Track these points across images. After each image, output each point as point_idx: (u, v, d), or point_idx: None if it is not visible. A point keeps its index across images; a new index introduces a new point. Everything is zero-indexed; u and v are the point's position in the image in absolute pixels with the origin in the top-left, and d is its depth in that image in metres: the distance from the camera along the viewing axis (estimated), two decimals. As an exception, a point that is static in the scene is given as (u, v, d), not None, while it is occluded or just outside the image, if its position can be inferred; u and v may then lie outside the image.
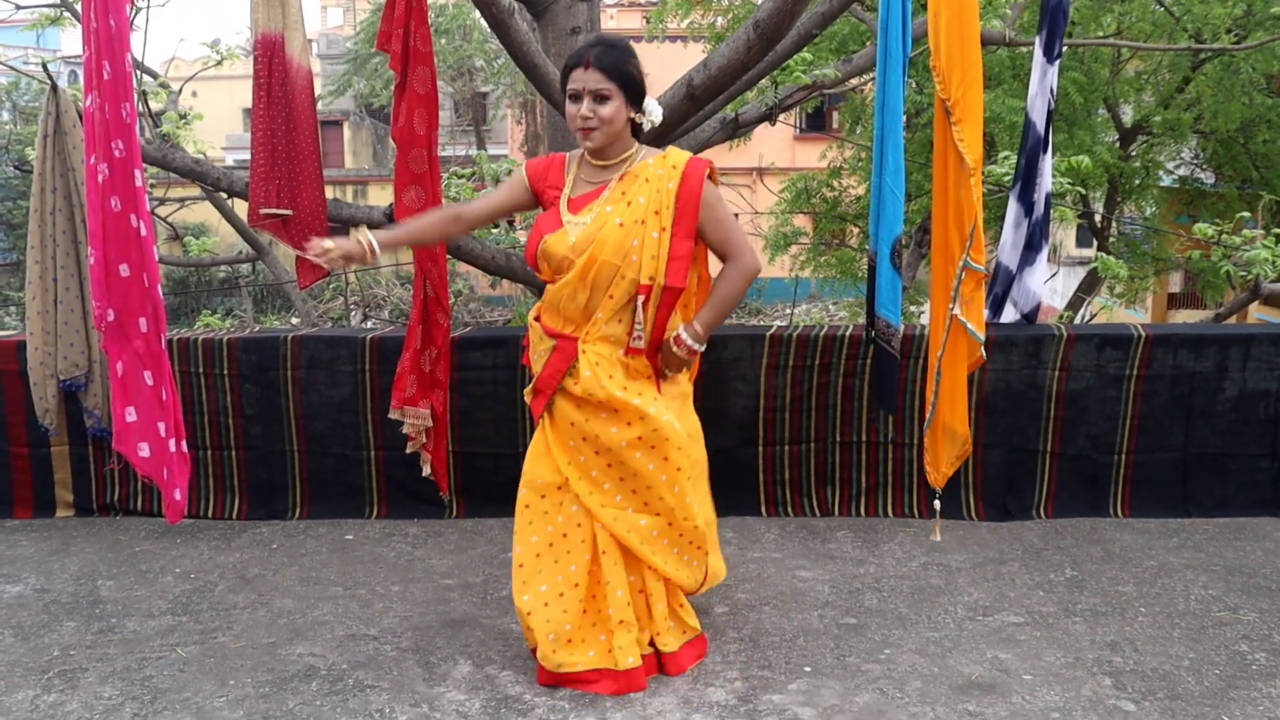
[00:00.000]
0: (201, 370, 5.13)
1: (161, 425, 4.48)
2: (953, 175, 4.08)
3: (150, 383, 4.45)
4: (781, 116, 6.63)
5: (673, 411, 3.48)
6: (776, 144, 27.45)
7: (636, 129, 3.49)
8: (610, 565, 3.45)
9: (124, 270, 4.36)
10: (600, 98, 3.34)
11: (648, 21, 14.65)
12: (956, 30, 4.04)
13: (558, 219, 3.45)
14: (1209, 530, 4.84)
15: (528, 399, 3.57)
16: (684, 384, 3.65)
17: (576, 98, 3.37)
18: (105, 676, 3.61)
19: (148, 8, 7.95)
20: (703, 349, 3.51)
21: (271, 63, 4.54)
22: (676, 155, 3.46)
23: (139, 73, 8.05)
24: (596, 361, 3.41)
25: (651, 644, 3.54)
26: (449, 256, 5.26)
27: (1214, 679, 3.49)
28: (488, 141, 32.58)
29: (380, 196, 30.84)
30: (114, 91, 4.23)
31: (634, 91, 3.39)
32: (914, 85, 12.03)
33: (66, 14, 8.20)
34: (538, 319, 3.56)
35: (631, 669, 3.43)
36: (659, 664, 3.54)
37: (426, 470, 4.74)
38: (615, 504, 3.46)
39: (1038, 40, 4.95)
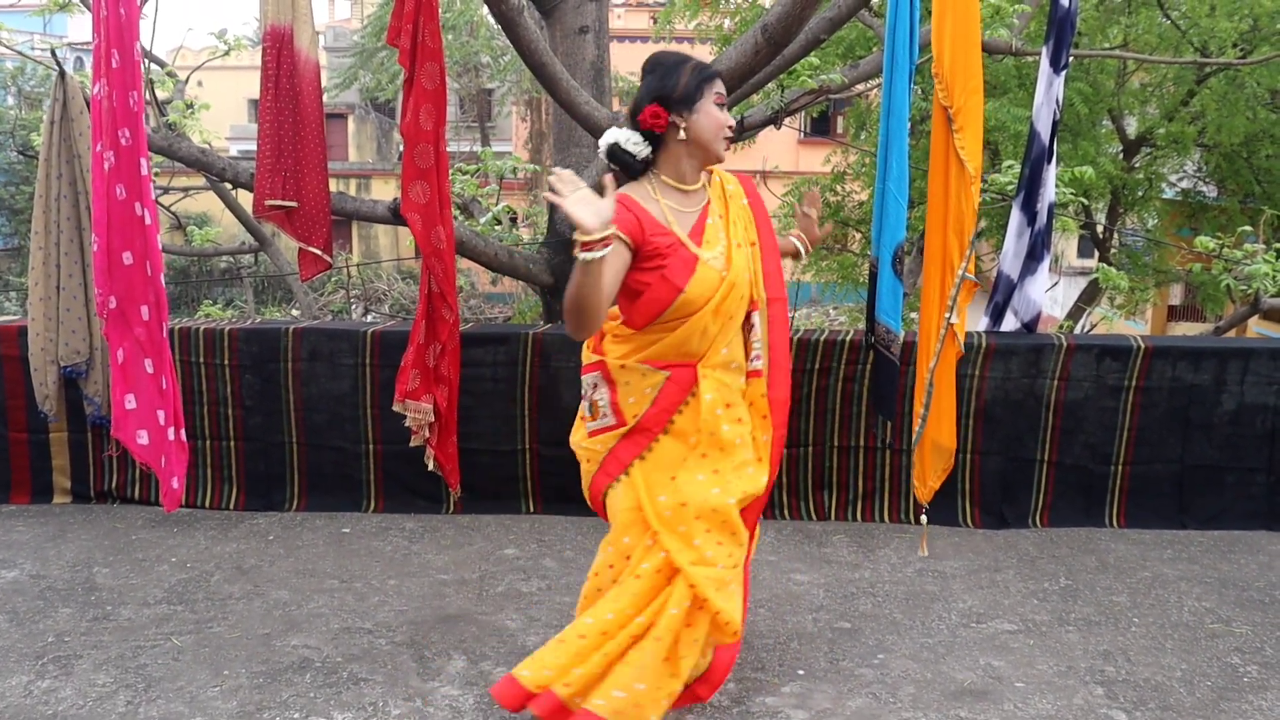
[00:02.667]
0: (202, 360, 5.14)
1: (161, 413, 4.50)
2: (953, 183, 4.09)
3: (151, 370, 4.46)
4: (787, 120, 6.64)
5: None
6: (781, 147, 27.49)
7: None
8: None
9: (127, 258, 4.38)
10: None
11: (655, 22, 14.64)
12: (961, 37, 4.06)
13: (690, 260, 3.05)
14: (1204, 542, 4.85)
15: (607, 443, 3.21)
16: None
17: (724, 107, 3.14)
18: (99, 664, 3.61)
19: (156, -4, 7.95)
20: None
21: (280, 55, 4.54)
22: (724, 174, 3.32)
23: (146, 62, 8.05)
24: (717, 387, 3.12)
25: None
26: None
27: (1206, 690, 3.50)
28: (492, 138, 32.57)
29: (383, 190, 30.86)
30: (122, 80, 4.25)
31: None
32: (919, 92, 12.03)
33: (75, 0, 8.20)
34: (625, 364, 3.17)
35: None
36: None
37: (431, 465, 4.74)
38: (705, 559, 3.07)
39: (1044, 50, 4.96)
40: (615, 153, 3.12)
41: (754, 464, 3.18)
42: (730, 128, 3.12)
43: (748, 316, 3.21)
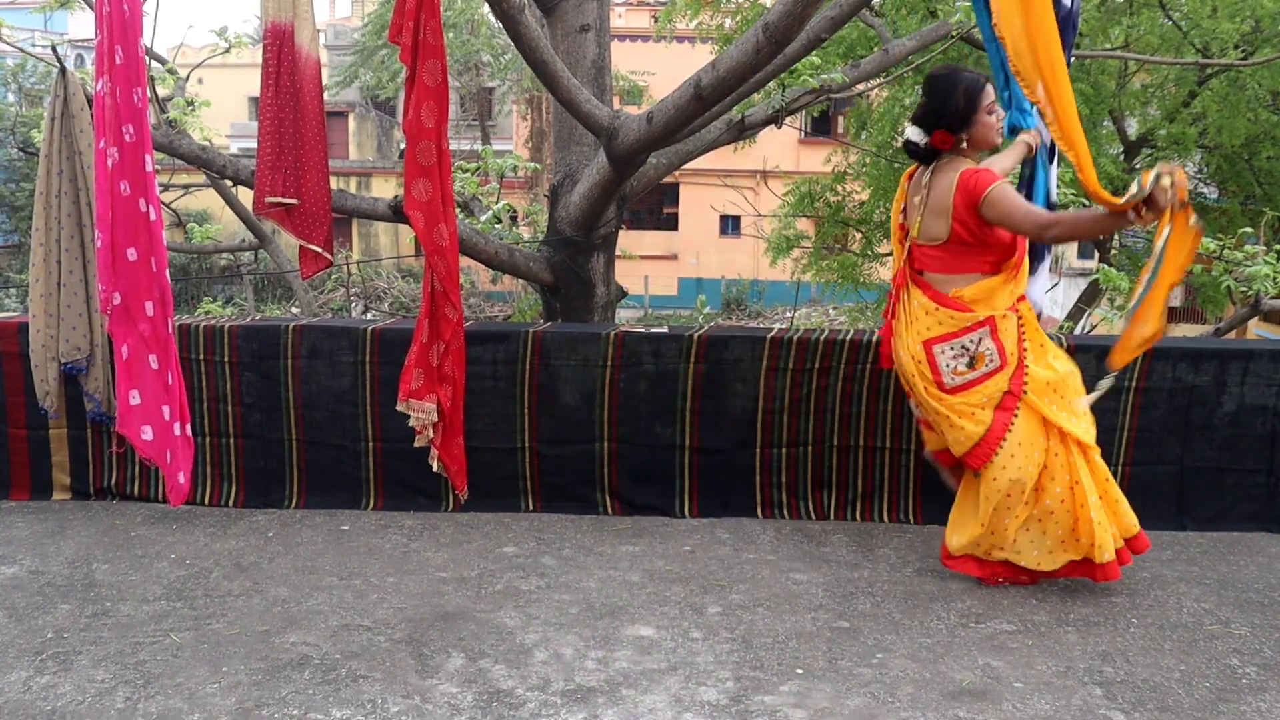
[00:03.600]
0: (202, 357, 5.14)
1: (166, 409, 4.50)
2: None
3: (156, 366, 4.47)
4: (787, 120, 6.65)
5: None
6: (781, 147, 27.52)
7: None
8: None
9: (132, 254, 4.38)
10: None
11: (656, 21, 14.66)
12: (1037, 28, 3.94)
13: None
14: (1203, 544, 4.85)
15: (1001, 386, 4.10)
16: None
17: (993, 110, 4.15)
18: (98, 660, 3.62)
19: (158, -7, 7.95)
20: None
21: (280, 52, 4.54)
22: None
23: (148, 59, 8.06)
24: (1026, 311, 4.26)
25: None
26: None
27: (1204, 691, 3.50)
28: (493, 136, 32.60)
29: (383, 188, 30.88)
30: (126, 76, 4.26)
31: None
32: (919, 91, 12.03)
33: (78, -1, 8.20)
34: (1003, 313, 4.12)
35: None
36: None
37: (435, 465, 4.74)
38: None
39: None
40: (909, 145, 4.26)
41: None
42: (1001, 120, 4.22)
43: None
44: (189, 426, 4.61)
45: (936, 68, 4.31)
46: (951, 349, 4.14)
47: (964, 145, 4.15)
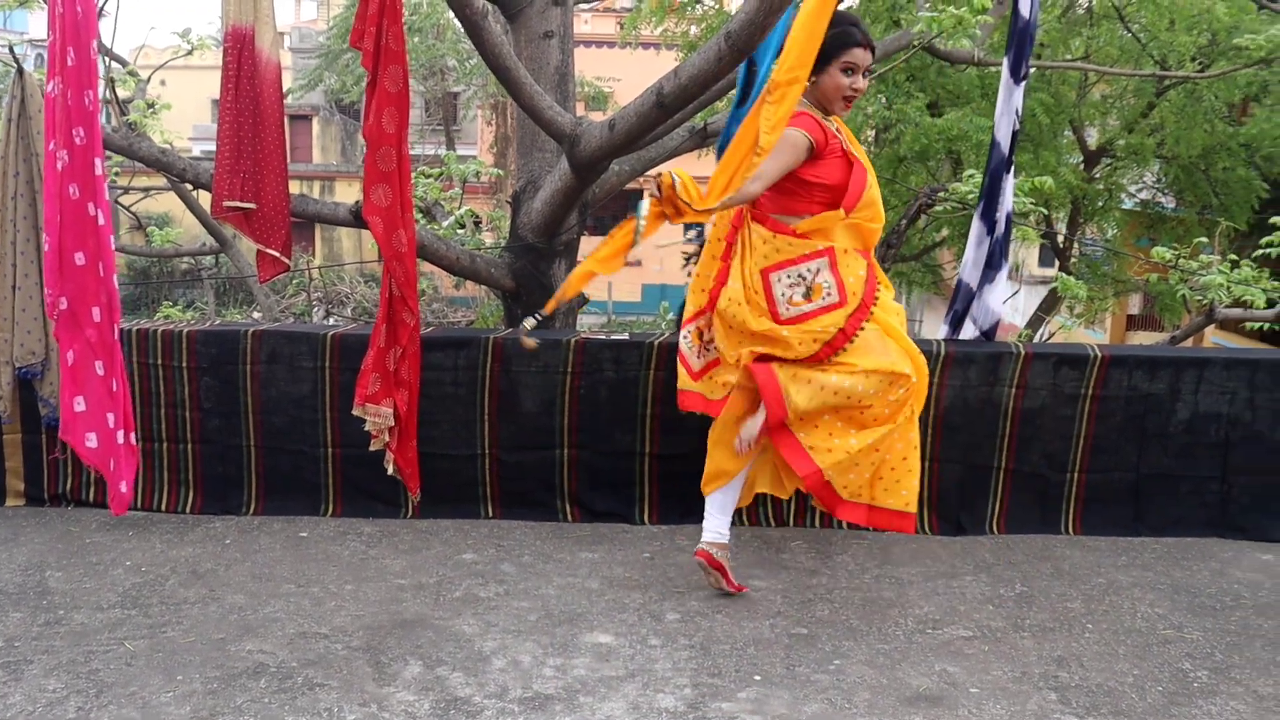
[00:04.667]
0: (159, 362, 5.10)
1: (111, 416, 4.46)
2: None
3: (101, 373, 4.43)
4: (751, 127, 6.66)
5: None
6: (746, 154, 27.51)
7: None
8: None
9: (79, 259, 4.34)
10: (866, 73, 4.06)
11: (621, 27, 14.68)
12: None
13: (863, 167, 4.07)
14: (1158, 549, 4.90)
15: (837, 323, 3.94)
16: None
17: (851, 71, 4.00)
18: (50, 669, 3.58)
19: (118, -6, 7.89)
20: None
21: (241, 55, 4.52)
22: None
23: (107, 60, 8.00)
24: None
25: None
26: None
27: (1157, 695, 3.54)
28: (457, 141, 32.53)
29: (347, 193, 30.77)
30: (77, 78, 4.22)
31: None
32: (884, 102, 12.13)
33: (35, -2, 8.14)
34: (847, 249, 4.02)
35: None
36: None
37: (390, 469, 4.73)
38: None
39: (1005, 61, 5.00)
40: None
41: None
42: (856, 89, 4.05)
43: None
44: (133, 434, 4.57)
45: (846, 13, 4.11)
46: (788, 276, 4.00)
47: (812, 85, 4.03)
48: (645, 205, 3.78)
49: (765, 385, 3.98)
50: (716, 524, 4.24)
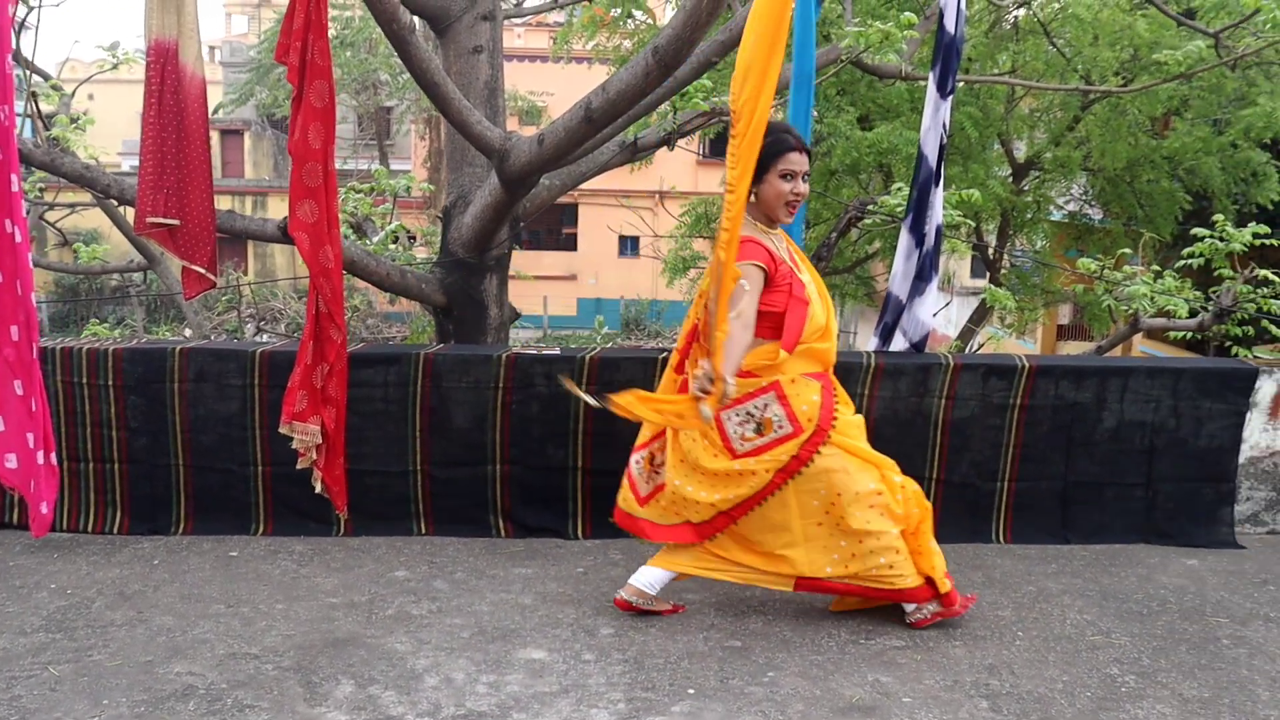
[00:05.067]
0: (85, 380, 5.01)
1: (30, 436, 4.38)
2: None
3: (20, 392, 4.35)
4: (684, 141, 6.70)
5: None
6: (680, 168, 27.68)
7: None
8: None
9: (-4, 277, 4.26)
10: (804, 178, 4.02)
11: (554, 42, 14.69)
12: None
13: (802, 300, 3.98)
14: (1086, 556, 4.97)
15: (791, 452, 3.93)
16: None
17: (790, 177, 3.96)
18: (-29, 695, 3.50)
19: (40, 6, 7.78)
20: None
21: (164, 70, 4.46)
22: None
23: (29, 73, 7.87)
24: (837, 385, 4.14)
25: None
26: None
27: (1086, 701, 3.58)
28: (391, 156, 32.34)
29: (279, 208, 30.45)
30: (-6, 93, 4.14)
31: None
32: (815, 115, 12.22)
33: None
34: (795, 379, 3.96)
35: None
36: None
37: (319, 487, 4.68)
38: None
39: (931, 76, 5.06)
40: None
41: None
42: (797, 194, 4.00)
43: None
44: (53, 455, 4.49)
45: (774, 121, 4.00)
46: (738, 415, 3.96)
47: (753, 200, 4.00)
48: (707, 411, 3.73)
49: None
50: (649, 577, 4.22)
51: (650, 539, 4.21)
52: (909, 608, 4.09)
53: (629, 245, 34.24)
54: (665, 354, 4.99)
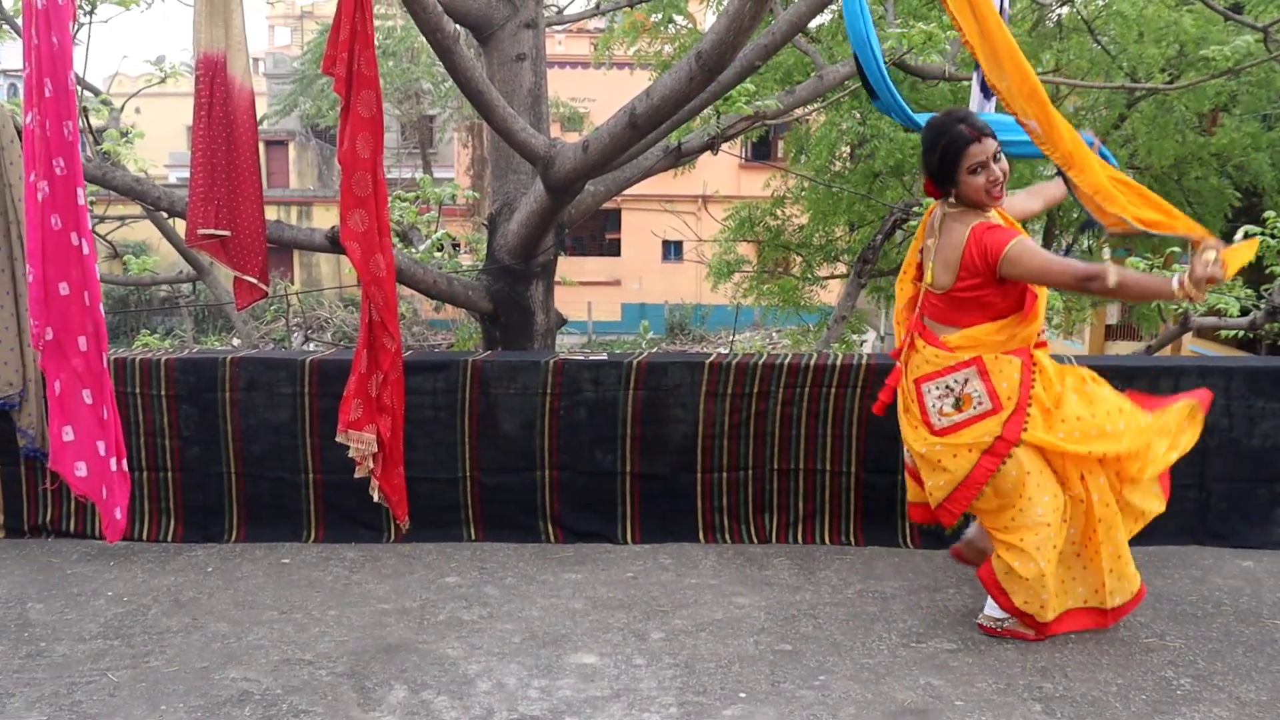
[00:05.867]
0: (138, 390, 5.08)
1: (101, 444, 4.45)
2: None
3: (90, 401, 4.42)
4: (726, 145, 6.71)
5: None
6: (722, 171, 27.69)
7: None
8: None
9: (64, 289, 4.34)
10: (997, 157, 3.83)
11: (595, 48, 14.74)
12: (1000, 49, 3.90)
13: None
14: (1138, 558, 4.87)
15: (993, 431, 3.87)
16: None
17: (980, 169, 3.80)
18: (33, 701, 3.56)
19: (90, 24, 7.89)
20: None
21: (213, 83, 4.52)
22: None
23: (81, 89, 7.98)
24: (1045, 358, 4.01)
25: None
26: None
27: (1140, 704, 3.55)
28: (434, 164, 32.58)
29: (324, 217, 30.72)
30: (56, 109, 4.23)
31: None
32: (858, 117, 12.20)
33: (6, 27, 8.11)
34: (998, 355, 3.89)
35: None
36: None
37: (376, 496, 4.71)
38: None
39: (975, 77, 5.05)
40: None
41: None
42: (995, 181, 3.82)
43: None
44: (125, 461, 4.55)
45: (937, 115, 4.05)
46: (937, 388, 3.94)
47: (952, 201, 3.94)
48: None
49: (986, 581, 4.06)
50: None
51: (947, 525, 4.19)
52: (991, 608, 4.09)
53: (672, 250, 34.26)
54: (711, 358, 5.00)
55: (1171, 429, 4.11)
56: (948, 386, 3.93)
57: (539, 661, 3.86)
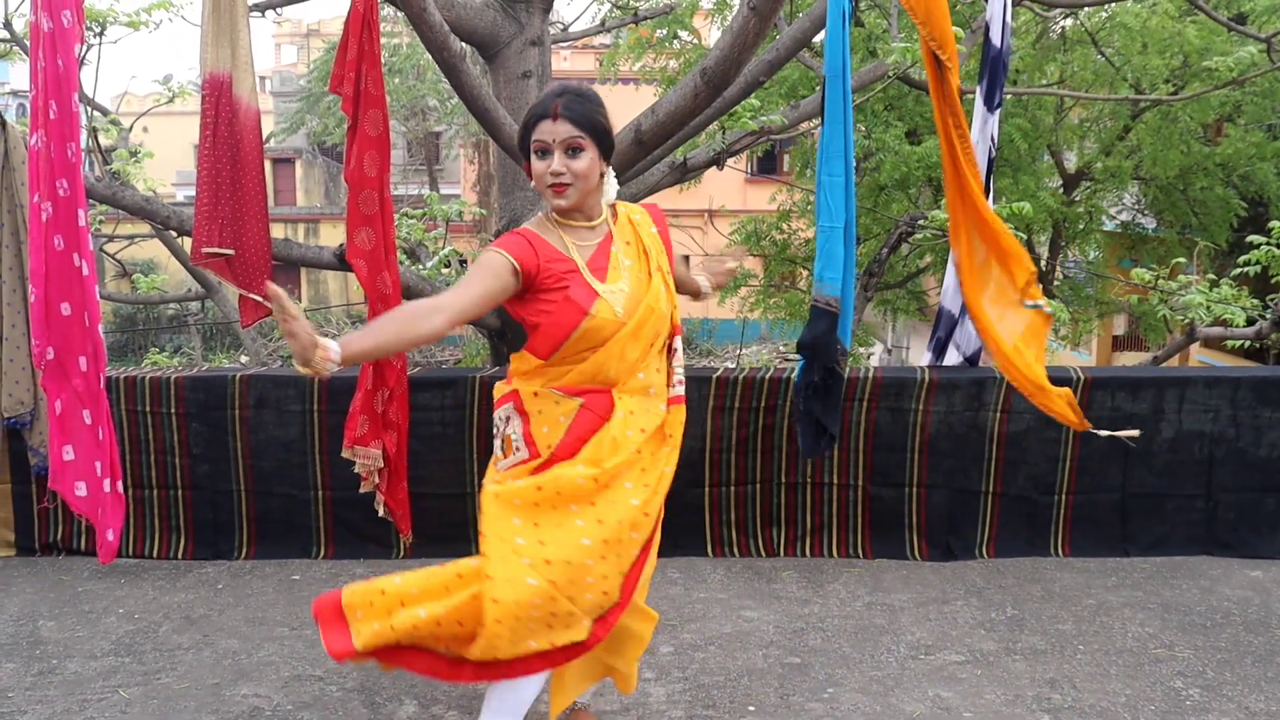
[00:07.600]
0: (148, 409, 5.10)
1: (98, 464, 4.47)
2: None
3: (89, 421, 4.45)
4: (732, 160, 6.72)
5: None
6: (728, 186, 27.66)
7: None
8: None
9: (65, 309, 4.37)
10: (573, 150, 2.92)
11: (600, 64, 14.77)
12: None
13: (590, 292, 2.97)
14: (1146, 569, 4.92)
15: (521, 477, 3.04)
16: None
17: (545, 153, 2.94)
18: (45, 719, 3.57)
19: (100, 44, 7.94)
20: None
21: (219, 103, 4.54)
22: (628, 205, 3.21)
23: (89, 108, 8.03)
24: (631, 410, 3.06)
25: None
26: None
27: (1150, 714, 3.56)
28: (440, 181, 32.62)
29: (332, 235, 30.78)
30: (60, 131, 4.26)
31: (606, 144, 3.00)
32: (862, 130, 12.22)
33: (16, 48, 8.17)
34: (538, 392, 3.05)
35: None
36: None
37: (381, 511, 4.73)
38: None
39: (979, 90, 5.06)
40: None
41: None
42: (555, 173, 2.94)
43: (669, 341, 3.17)
44: (120, 483, 4.57)
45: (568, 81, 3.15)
46: (492, 426, 3.24)
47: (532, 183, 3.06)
48: None
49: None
50: None
51: None
52: None
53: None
54: (719, 372, 5.02)
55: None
56: (495, 425, 3.19)
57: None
